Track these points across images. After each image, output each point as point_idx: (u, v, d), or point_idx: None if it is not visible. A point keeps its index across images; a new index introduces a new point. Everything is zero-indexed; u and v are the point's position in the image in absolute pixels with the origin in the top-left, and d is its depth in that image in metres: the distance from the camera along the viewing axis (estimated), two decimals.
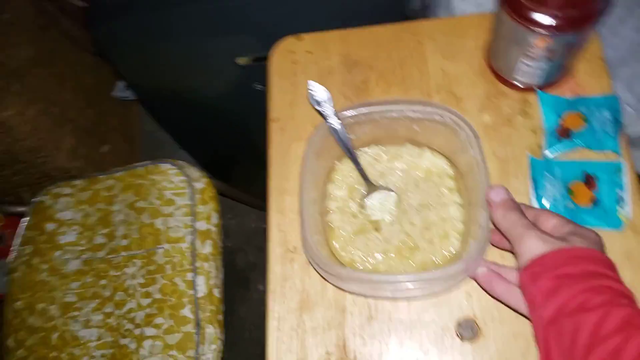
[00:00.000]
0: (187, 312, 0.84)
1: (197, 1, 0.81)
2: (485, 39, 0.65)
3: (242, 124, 1.07)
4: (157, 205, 0.92)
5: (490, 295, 0.48)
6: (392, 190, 0.57)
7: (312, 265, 0.52)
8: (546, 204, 0.53)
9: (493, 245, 0.51)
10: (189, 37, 0.88)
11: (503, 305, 0.52)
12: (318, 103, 0.54)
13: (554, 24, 0.50)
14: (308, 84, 0.54)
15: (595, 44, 0.62)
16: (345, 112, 0.55)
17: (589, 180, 0.54)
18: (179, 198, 0.92)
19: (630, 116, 0.79)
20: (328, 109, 0.54)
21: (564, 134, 0.56)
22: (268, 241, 0.61)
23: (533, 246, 0.42)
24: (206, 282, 0.88)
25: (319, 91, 0.54)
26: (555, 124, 0.57)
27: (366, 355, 0.54)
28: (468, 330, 0.52)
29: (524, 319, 0.51)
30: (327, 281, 0.54)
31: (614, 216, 0.52)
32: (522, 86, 0.60)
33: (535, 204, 0.54)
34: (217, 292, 0.89)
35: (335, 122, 0.54)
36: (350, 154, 0.56)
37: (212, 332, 0.86)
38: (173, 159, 0.97)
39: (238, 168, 1.33)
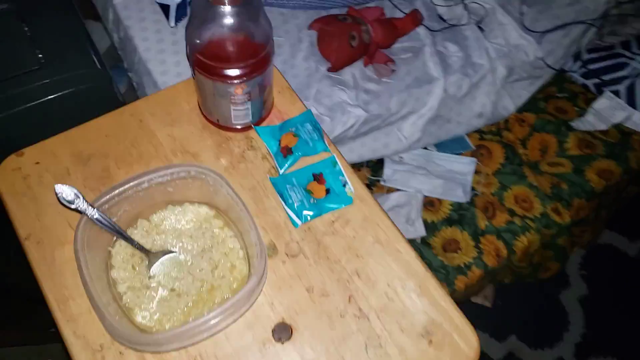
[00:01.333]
0: None
1: None
2: (195, 100, 0.75)
3: None
4: None
5: None
6: (172, 251, 0.62)
7: (130, 347, 0.53)
8: (297, 207, 0.65)
9: None
10: None
11: (300, 299, 0.61)
12: (71, 202, 0.55)
13: (241, 73, 0.63)
14: (55, 189, 0.55)
15: (279, 79, 0.78)
16: (99, 200, 0.57)
17: (317, 178, 0.69)
18: None
19: (327, 123, 1.00)
20: (82, 204, 0.55)
21: (286, 152, 0.70)
22: (70, 353, 0.58)
23: None
24: None
25: (66, 191, 0.55)
26: (277, 147, 0.70)
27: None
28: (283, 332, 0.60)
29: (318, 301, 0.61)
30: (148, 352, 0.55)
31: (345, 196, 0.67)
32: (240, 127, 0.72)
33: (289, 210, 0.66)
34: None
35: (93, 213, 0.56)
36: (120, 233, 0.58)
37: None
38: None
39: None
